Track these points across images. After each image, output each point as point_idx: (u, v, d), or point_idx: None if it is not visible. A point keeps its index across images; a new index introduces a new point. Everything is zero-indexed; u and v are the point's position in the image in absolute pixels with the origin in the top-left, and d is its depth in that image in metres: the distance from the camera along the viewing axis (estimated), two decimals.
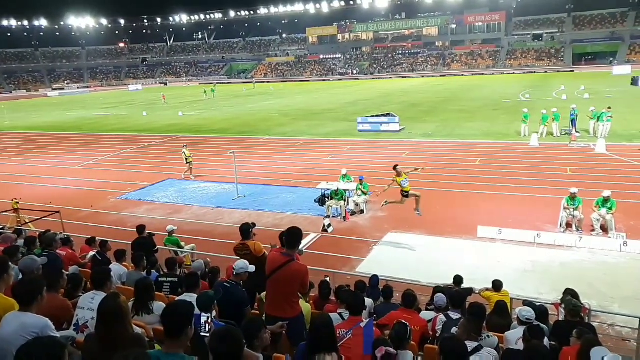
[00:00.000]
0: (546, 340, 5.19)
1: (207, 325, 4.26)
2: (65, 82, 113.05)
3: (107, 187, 19.57)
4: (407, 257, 11.53)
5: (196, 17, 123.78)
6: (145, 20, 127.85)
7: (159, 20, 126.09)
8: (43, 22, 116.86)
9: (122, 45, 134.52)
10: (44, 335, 3.42)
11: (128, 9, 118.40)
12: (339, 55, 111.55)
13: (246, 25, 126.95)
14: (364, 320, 4.73)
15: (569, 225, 12.57)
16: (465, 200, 15.50)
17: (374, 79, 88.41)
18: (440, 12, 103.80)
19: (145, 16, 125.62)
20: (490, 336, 5.13)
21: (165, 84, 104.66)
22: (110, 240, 9.24)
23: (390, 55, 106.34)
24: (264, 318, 5.12)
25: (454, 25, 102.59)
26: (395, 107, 37.26)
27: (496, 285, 7.68)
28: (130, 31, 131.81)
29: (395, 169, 11.97)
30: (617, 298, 9.10)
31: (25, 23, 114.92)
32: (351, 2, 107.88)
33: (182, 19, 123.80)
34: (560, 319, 6.47)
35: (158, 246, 9.73)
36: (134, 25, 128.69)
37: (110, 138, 32.99)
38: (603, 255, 11.10)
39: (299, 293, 5.34)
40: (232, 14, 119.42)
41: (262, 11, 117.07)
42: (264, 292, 5.73)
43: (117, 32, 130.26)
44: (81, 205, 17.02)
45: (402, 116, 30.52)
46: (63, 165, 24.45)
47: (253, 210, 15.67)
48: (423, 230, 13.14)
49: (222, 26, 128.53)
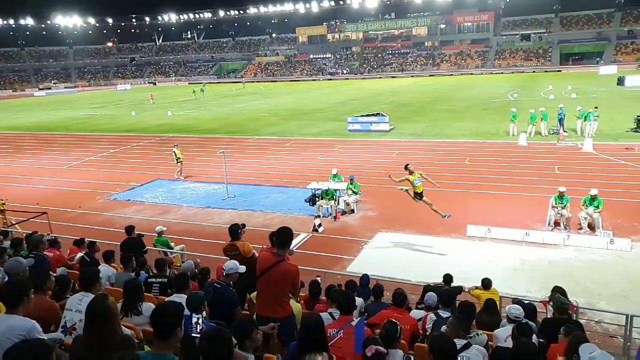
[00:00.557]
0: (534, 338, 5.24)
1: (198, 326, 4.24)
2: (52, 82, 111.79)
3: (95, 188, 19.39)
4: (397, 256, 11.57)
5: (185, 17, 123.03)
6: (134, 20, 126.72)
7: (148, 19, 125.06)
8: (29, 21, 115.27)
9: (110, 44, 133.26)
10: (31, 338, 3.38)
11: (116, 8, 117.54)
12: (328, 55, 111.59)
13: (235, 24, 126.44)
14: (355, 319, 4.74)
15: (557, 223, 12.70)
16: (455, 199, 15.58)
17: (363, 78, 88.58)
18: (430, 12, 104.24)
19: (134, 15, 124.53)
20: (479, 334, 5.17)
21: (154, 84, 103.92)
22: (98, 241, 9.15)
23: (379, 55, 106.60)
24: (255, 318, 5.10)
25: (443, 25, 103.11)
26: (384, 107, 37.36)
27: (485, 284, 7.74)
28: (119, 30, 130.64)
29: (407, 168, 11.68)
30: (604, 295, 9.21)
31: (11, 22, 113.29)
32: (341, 2, 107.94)
33: (171, 18, 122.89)
34: (549, 316, 6.54)
35: (147, 247, 9.65)
36: (122, 24, 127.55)
37: (98, 138, 32.68)
38: (590, 253, 11.23)
39: (289, 293, 5.33)
40: (222, 13, 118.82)
41: (252, 11, 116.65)
42: (253, 293, 5.71)
43: (105, 31, 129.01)
44: (69, 206, 16.84)
45: (392, 116, 30.61)
46: (50, 166, 24.18)
47: (243, 211, 15.62)
48: (413, 229, 13.20)
49: (212, 26, 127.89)
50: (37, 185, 20.29)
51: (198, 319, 4.31)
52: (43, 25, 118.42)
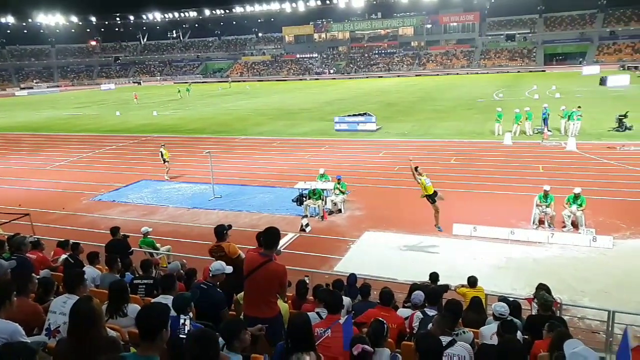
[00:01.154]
0: (519, 334, 5.30)
1: (185, 327, 4.21)
2: (34, 81, 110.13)
3: (79, 189, 19.14)
4: (385, 256, 11.62)
5: (170, 16, 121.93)
6: (118, 18, 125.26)
7: (132, 18, 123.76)
8: (10, 19, 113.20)
9: (94, 43, 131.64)
10: (13, 341, 3.33)
11: (99, 7, 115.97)
12: (315, 55, 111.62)
13: (221, 23, 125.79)
14: (342, 318, 4.75)
15: (541, 221, 12.86)
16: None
17: (350, 78, 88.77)
18: (416, 12, 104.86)
19: (118, 14, 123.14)
20: (465, 332, 5.22)
21: (139, 83, 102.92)
22: (83, 242, 9.04)
23: (366, 55, 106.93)
24: (242, 318, 5.09)
25: (429, 25, 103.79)
26: (371, 107, 37.49)
27: (471, 282, 7.81)
28: (102, 29, 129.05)
29: (417, 169, 11.65)
30: (587, 292, 9.36)
31: None
32: (327, 2, 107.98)
33: (156, 17, 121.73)
34: (533, 313, 6.62)
35: (133, 248, 9.55)
36: (106, 23, 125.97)
37: (83, 138, 32.26)
38: (573, 250, 11.40)
39: (277, 293, 5.32)
40: (207, 12, 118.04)
41: (238, 10, 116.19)
42: (240, 293, 5.70)
43: (89, 30, 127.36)
44: (52, 207, 16.60)
45: (379, 116, 30.73)
46: (33, 167, 23.80)
47: (230, 211, 15.55)
48: (400, 228, 13.27)
49: (197, 25, 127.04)
50: (20, 186, 19.95)
51: (185, 320, 4.28)
52: (24, 24, 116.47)
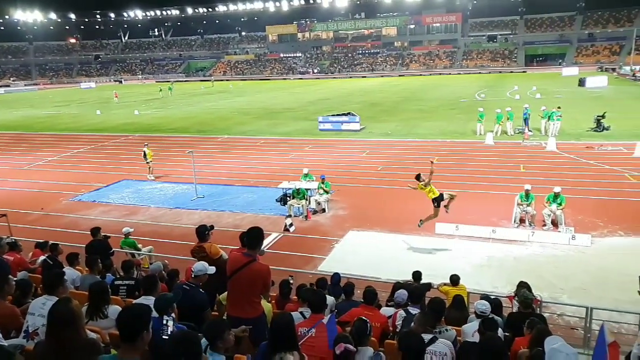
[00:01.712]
0: (500, 332, 5.37)
1: (168, 328, 4.17)
2: (11, 79, 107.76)
3: (59, 189, 18.80)
4: (368, 255, 11.66)
5: (152, 13, 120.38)
6: (98, 16, 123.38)
7: (113, 16, 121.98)
8: None
9: (73, 41, 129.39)
10: None
11: (79, 4, 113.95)
12: (299, 54, 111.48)
13: (204, 22, 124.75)
14: (326, 317, 4.75)
15: (522, 220, 13.06)
16: (424, 197, 15.76)
17: (334, 78, 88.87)
18: (399, 13, 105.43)
19: (98, 11, 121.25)
20: (448, 329, 5.27)
21: (120, 82, 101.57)
22: (62, 243, 8.89)
23: (350, 54, 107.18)
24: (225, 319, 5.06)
25: (412, 26, 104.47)
26: (355, 107, 37.59)
27: (453, 280, 7.89)
28: (82, 27, 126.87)
29: (419, 178, 11.53)
30: (566, 289, 9.53)
31: None
32: (311, 1, 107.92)
33: (137, 15, 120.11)
34: (514, 310, 6.71)
35: (114, 249, 9.42)
36: (86, 20, 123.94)
37: (62, 138, 31.70)
38: (553, 248, 11.59)
39: (260, 293, 5.31)
40: (190, 10, 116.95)
41: (221, 8, 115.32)
42: (223, 294, 5.67)
43: (68, 27, 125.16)
44: (30, 208, 16.27)
45: (362, 115, 30.83)
46: (10, 166, 23.29)
47: (212, 211, 15.44)
48: (383, 227, 13.34)
49: (179, 23, 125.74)
50: None
51: (167, 321, 4.24)
52: (1, 20, 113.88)
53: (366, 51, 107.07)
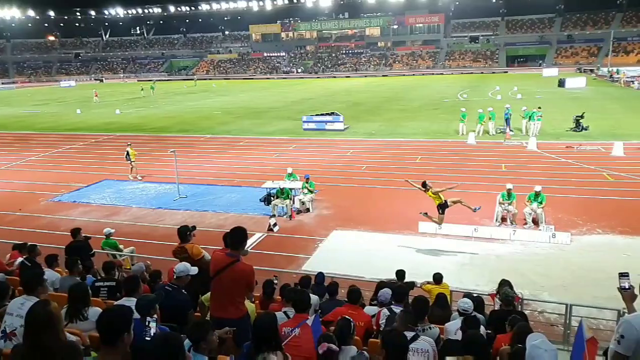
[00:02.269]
0: (482, 329, 5.43)
1: (151, 329, 4.12)
2: None
3: (38, 189, 18.44)
4: (352, 254, 11.69)
5: (133, 11, 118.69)
6: (78, 13, 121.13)
7: (93, 13, 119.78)
8: None
9: (53, 38, 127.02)
10: None
11: (58, 1, 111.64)
12: (283, 54, 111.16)
13: (187, 20, 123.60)
14: (310, 317, 4.75)
15: (504, 219, 13.23)
16: (407, 196, 15.89)
17: (318, 77, 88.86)
18: (382, 13, 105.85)
19: (78, 9, 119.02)
20: (432, 327, 5.32)
21: (101, 81, 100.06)
22: (41, 245, 8.69)
23: (334, 54, 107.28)
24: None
25: (395, 26, 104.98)
26: (339, 106, 37.65)
27: (436, 278, 7.95)
28: (62, 24, 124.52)
29: (425, 185, 11.46)
30: (547, 286, 9.68)
31: None
32: (294, 1, 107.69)
33: (118, 13, 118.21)
34: (496, 308, 6.80)
35: (95, 250, 9.28)
36: (65, 18, 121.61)
37: (41, 137, 31.12)
38: (534, 247, 11.77)
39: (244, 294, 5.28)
40: (172, 9, 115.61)
41: (204, 7, 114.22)
42: (205, 295, 5.63)
43: (47, 25, 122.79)
44: (8, 209, 15.93)
45: (346, 115, 30.89)
46: None
47: (195, 211, 15.31)
48: (367, 226, 13.38)
49: (162, 21, 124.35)
50: None
51: (150, 322, 4.18)
52: None
53: (350, 51, 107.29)
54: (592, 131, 25.10)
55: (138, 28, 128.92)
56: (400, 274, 8.04)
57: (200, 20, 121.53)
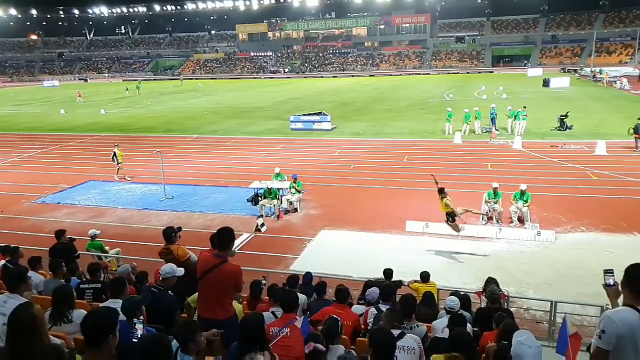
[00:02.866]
0: (469, 327, 5.48)
1: (138, 331, 4.08)
2: None
3: (21, 190, 18.15)
4: (340, 253, 11.71)
5: (118, 10, 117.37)
6: (61, 12, 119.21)
7: (77, 12, 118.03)
8: None
9: (35, 37, 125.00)
10: None
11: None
12: (269, 53, 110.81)
13: (172, 20, 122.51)
14: (298, 317, 4.75)
15: (490, 217, 13.35)
16: (394, 196, 16.00)
17: (305, 77, 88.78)
18: (369, 13, 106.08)
19: (61, 7, 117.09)
20: (419, 325, 5.35)
21: (85, 80, 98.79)
22: (24, 247, 8.56)
23: (321, 54, 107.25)
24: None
25: (382, 26, 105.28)
26: (326, 106, 37.67)
27: (423, 277, 8.00)
28: (44, 23, 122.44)
29: (443, 192, 11.27)
30: (532, 284, 9.80)
31: None
32: (281, 0, 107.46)
33: (103, 11, 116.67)
34: (482, 306, 6.86)
35: (79, 252, 9.16)
36: (48, 16, 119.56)
37: (24, 137, 30.64)
38: (519, 245, 11.91)
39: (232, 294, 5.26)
40: (157, 8, 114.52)
41: (190, 6, 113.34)
42: (191, 296, 5.60)
43: (29, 23, 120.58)
44: None
45: (334, 115, 30.91)
46: None
47: (182, 212, 15.20)
48: (355, 226, 13.41)
49: (147, 20, 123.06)
50: None
51: (135, 323, 4.15)
52: None
53: (337, 51, 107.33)
54: (576, 130, 25.46)
55: (123, 27, 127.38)
56: (388, 273, 8.07)
57: (186, 19, 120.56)
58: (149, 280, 7.09)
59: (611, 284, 3.64)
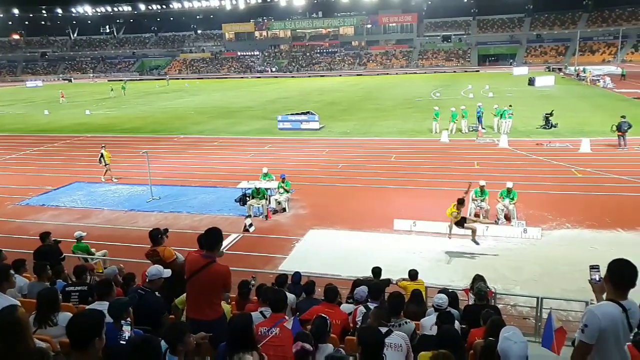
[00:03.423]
0: (457, 324, 5.52)
1: (126, 333, 4.04)
2: None
3: (4, 193, 17.86)
4: (329, 253, 11.72)
5: (102, 10, 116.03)
6: (44, 11, 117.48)
7: (60, 11, 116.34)
8: None
9: (17, 37, 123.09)
10: None
11: None
12: (256, 53, 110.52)
13: (158, 19, 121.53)
14: (286, 317, 4.74)
15: (477, 215, 13.43)
16: (382, 194, 16.05)
17: (292, 77, 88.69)
18: (356, 12, 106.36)
19: (44, 6, 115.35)
20: (407, 323, 5.38)
21: (70, 81, 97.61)
22: (8, 250, 8.41)
23: (308, 53, 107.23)
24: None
25: (369, 25, 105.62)
26: (314, 106, 37.67)
27: (412, 275, 8.03)
28: (27, 22, 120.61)
29: (462, 203, 11.10)
30: (519, 281, 9.91)
31: None
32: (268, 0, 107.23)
33: (87, 10, 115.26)
34: (470, 303, 6.92)
35: (65, 254, 9.05)
36: (31, 16, 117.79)
37: (7, 139, 30.16)
38: (506, 242, 12.03)
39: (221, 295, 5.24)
40: (143, 7, 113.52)
41: (175, 5, 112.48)
42: (179, 298, 5.57)
43: (11, 23, 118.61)
44: None
45: (321, 114, 30.92)
46: None
47: (169, 213, 15.09)
48: (343, 225, 13.43)
49: (132, 20, 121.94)
50: None
51: (123, 325, 4.11)
52: None
53: (324, 50, 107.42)
54: (561, 128, 25.79)
55: (108, 27, 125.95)
56: (376, 271, 8.10)
57: (172, 18, 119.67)
58: (137, 282, 7.04)
59: (597, 279, 3.69)
